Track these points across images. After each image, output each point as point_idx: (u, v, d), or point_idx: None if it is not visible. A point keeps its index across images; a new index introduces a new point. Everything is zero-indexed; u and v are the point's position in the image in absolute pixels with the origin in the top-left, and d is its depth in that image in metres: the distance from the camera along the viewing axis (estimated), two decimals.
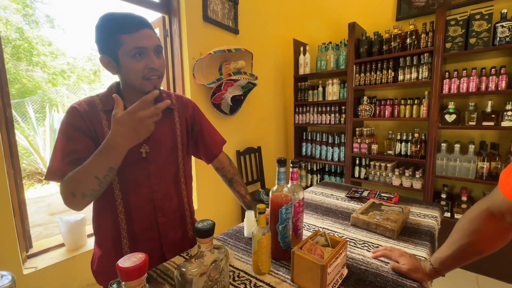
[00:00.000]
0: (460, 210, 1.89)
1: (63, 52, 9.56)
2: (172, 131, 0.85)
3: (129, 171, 0.75)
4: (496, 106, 1.82)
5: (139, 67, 0.69)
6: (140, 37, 0.67)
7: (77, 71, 10.09)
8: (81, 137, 0.70)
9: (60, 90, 8.88)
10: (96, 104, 0.75)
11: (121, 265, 0.35)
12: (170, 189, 0.84)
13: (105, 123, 0.73)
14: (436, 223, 0.97)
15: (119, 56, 0.68)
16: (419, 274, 0.64)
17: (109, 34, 0.67)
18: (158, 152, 0.80)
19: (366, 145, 2.30)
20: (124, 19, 0.67)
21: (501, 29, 1.65)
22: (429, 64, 1.92)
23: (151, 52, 0.70)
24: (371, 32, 2.28)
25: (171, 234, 0.84)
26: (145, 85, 0.71)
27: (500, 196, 0.54)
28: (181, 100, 0.91)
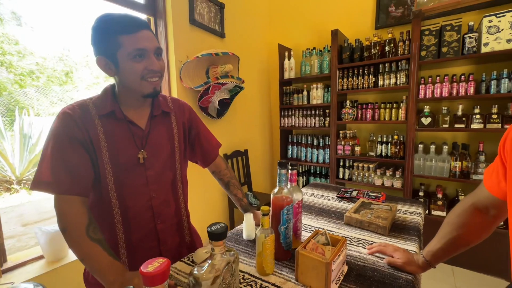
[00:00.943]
0: (436, 207, 2.02)
1: (31, 51, 8.97)
2: (170, 136, 0.83)
3: (126, 178, 0.73)
4: (466, 110, 1.98)
5: (139, 68, 0.67)
6: (140, 38, 0.66)
7: (47, 71, 9.49)
8: (74, 145, 0.67)
9: (28, 92, 8.29)
10: (89, 108, 0.71)
11: (144, 271, 0.35)
12: (168, 195, 0.82)
13: (100, 129, 0.70)
14: (421, 219, 1.03)
15: (118, 57, 0.66)
16: (413, 267, 0.68)
17: (107, 35, 0.65)
18: (156, 157, 0.78)
19: (350, 147, 2.40)
20: (123, 19, 0.66)
21: (469, 39, 1.80)
22: (406, 70, 2.05)
23: (151, 54, 0.68)
24: (352, 39, 2.39)
25: (170, 241, 0.83)
26: (144, 86, 0.70)
27: (484, 191, 0.60)
28: (178, 104, 0.89)
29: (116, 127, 0.72)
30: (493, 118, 1.79)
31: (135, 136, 0.75)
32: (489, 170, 0.59)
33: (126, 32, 0.64)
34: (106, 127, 0.71)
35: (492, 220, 0.63)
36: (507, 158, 0.52)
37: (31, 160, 4.32)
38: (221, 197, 2.42)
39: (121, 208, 0.74)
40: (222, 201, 2.44)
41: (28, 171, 4.38)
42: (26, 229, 2.76)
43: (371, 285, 0.64)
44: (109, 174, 0.71)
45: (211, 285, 0.46)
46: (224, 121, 2.39)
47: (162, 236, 0.80)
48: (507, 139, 0.52)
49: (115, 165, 0.71)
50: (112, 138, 0.71)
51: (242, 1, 2.56)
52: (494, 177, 0.57)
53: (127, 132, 0.74)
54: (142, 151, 0.75)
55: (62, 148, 0.65)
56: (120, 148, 0.72)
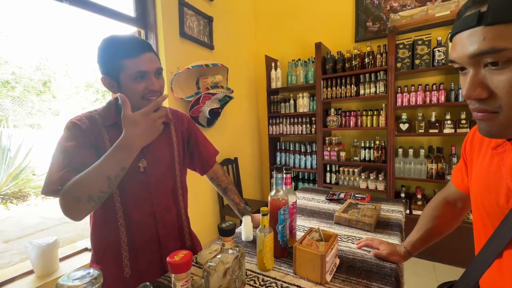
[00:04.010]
0: (416, 207, 2.16)
1: (6, 60, 8.61)
2: (169, 145, 0.87)
3: (129, 185, 0.77)
4: (438, 116, 2.16)
5: (140, 88, 0.72)
6: (142, 61, 0.70)
7: (23, 81, 9.11)
8: (81, 151, 0.70)
9: (3, 103, 7.92)
10: (96, 119, 0.75)
11: (172, 260, 0.40)
12: (169, 201, 0.87)
13: (106, 138, 0.75)
14: (402, 216, 1.14)
15: (121, 78, 0.71)
16: (396, 257, 0.77)
17: (111, 57, 0.70)
18: (157, 166, 0.82)
19: (335, 152, 2.52)
20: (126, 43, 0.70)
21: (438, 53, 1.99)
22: (384, 80, 2.22)
23: (152, 75, 0.73)
24: (334, 51, 2.55)
25: (171, 246, 0.86)
26: (144, 104, 0.72)
27: (452, 187, 0.70)
28: (177, 114, 0.94)
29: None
30: (462, 124, 1.97)
31: None
32: (456, 169, 0.70)
33: (129, 56, 0.69)
34: (112, 136, 0.75)
35: (459, 212, 0.74)
36: (467, 158, 0.62)
37: (10, 174, 4.13)
38: (212, 204, 2.45)
39: (124, 212, 0.77)
40: (211, 208, 2.47)
41: (6, 185, 4.18)
42: (8, 245, 2.63)
43: (361, 274, 0.71)
44: None
45: (223, 277, 0.52)
46: (215, 130, 2.45)
47: (163, 240, 0.84)
48: (467, 143, 0.63)
49: None
50: None
51: (229, 14, 2.67)
52: (459, 175, 0.67)
53: None
54: (143, 160, 0.79)
55: (71, 155, 0.68)
56: None
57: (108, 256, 0.79)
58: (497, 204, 0.47)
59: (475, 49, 0.38)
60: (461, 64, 0.42)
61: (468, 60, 0.40)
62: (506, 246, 0.44)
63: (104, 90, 10.42)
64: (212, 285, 0.51)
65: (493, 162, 0.50)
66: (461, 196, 0.70)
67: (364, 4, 2.47)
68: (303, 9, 2.82)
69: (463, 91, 0.42)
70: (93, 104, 10.12)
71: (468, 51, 0.39)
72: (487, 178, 0.51)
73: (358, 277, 0.70)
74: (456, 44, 0.42)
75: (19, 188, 4.54)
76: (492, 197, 0.49)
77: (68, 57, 11.44)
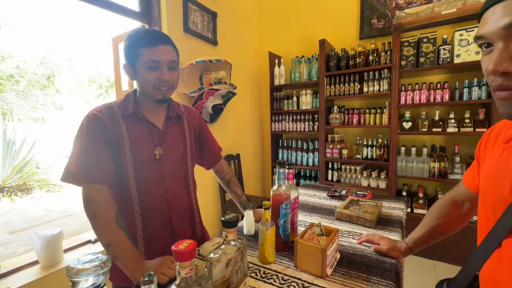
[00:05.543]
0: (418, 205, 2.17)
1: (10, 54, 8.65)
2: (183, 137, 0.92)
3: (145, 172, 0.81)
4: (442, 115, 2.15)
5: (152, 77, 0.77)
6: (157, 51, 0.75)
7: (27, 75, 9.15)
8: (99, 142, 0.75)
9: (7, 97, 7.97)
10: (115, 110, 0.80)
11: (177, 249, 0.41)
12: (181, 189, 0.91)
13: (124, 128, 0.79)
14: (403, 213, 1.14)
15: (137, 66, 0.77)
16: (396, 252, 0.78)
17: (132, 46, 0.76)
18: (171, 154, 0.87)
19: (337, 150, 2.52)
20: (146, 34, 0.76)
21: (443, 51, 1.98)
22: (388, 78, 2.21)
23: (164, 66, 0.77)
24: (339, 48, 2.54)
25: (183, 233, 0.90)
26: (155, 93, 0.79)
27: (462, 186, 0.71)
28: (189, 110, 1.00)
29: (137, 127, 0.82)
30: (466, 123, 1.96)
31: (153, 134, 0.84)
32: (468, 169, 0.70)
33: (145, 45, 0.75)
34: (129, 126, 0.80)
35: (466, 213, 0.73)
36: (481, 155, 0.62)
37: (15, 167, 4.18)
38: (214, 200, 2.47)
39: (140, 200, 0.81)
40: (216, 203, 2.49)
41: (11, 178, 4.23)
42: (13, 236, 2.68)
43: (361, 268, 0.72)
44: (130, 168, 0.79)
45: (225, 267, 0.53)
46: (217, 126, 2.45)
47: (176, 227, 0.88)
48: (482, 142, 0.63)
49: (136, 160, 0.79)
50: (134, 136, 0.80)
51: (233, 10, 2.66)
52: (470, 174, 0.68)
53: (146, 131, 0.83)
54: (158, 148, 0.84)
55: (90, 144, 0.74)
56: (140, 145, 0.81)
57: None
58: (502, 196, 0.47)
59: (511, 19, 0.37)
60: (490, 40, 0.41)
61: (501, 33, 0.39)
62: (506, 235, 0.44)
63: (107, 86, 10.45)
64: (214, 275, 0.53)
65: (503, 155, 0.50)
66: (470, 196, 0.69)
67: (370, 1, 2.45)
68: (307, 6, 2.80)
69: (490, 66, 0.40)
70: (96, 99, 10.16)
71: (502, 22, 0.38)
72: (495, 171, 0.51)
73: (358, 271, 0.71)
74: (488, 17, 0.41)
75: (23, 181, 4.60)
76: (498, 189, 0.49)
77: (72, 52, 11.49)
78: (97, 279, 0.30)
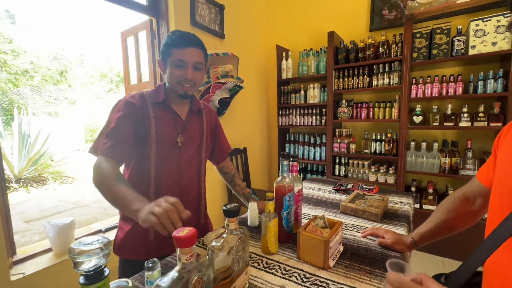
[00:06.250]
0: (427, 201, 2.12)
1: (25, 50, 8.87)
2: (201, 130, 1.00)
3: (165, 156, 0.89)
4: (455, 109, 2.08)
5: (177, 74, 0.86)
6: (185, 53, 0.85)
7: (41, 70, 9.39)
8: (127, 125, 0.83)
9: (22, 91, 8.21)
10: (146, 98, 0.90)
11: (177, 235, 0.42)
12: (194, 177, 0.98)
13: (152, 114, 0.88)
14: (410, 208, 1.12)
15: (168, 62, 0.87)
16: (401, 246, 0.77)
17: (166, 45, 0.86)
18: (190, 144, 0.95)
19: (345, 144, 2.49)
20: (179, 36, 0.85)
21: (457, 42, 1.91)
22: (399, 71, 2.15)
23: (189, 66, 0.86)
24: (348, 41, 2.48)
25: (188, 220, 0.91)
26: (178, 88, 0.89)
27: (475, 181, 0.69)
28: (208, 107, 1.08)
29: (164, 114, 0.91)
30: (480, 117, 1.89)
31: (177, 123, 0.93)
32: (483, 165, 0.68)
33: (176, 46, 0.84)
34: (157, 113, 0.89)
35: (478, 210, 0.71)
36: (498, 148, 0.61)
37: (30, 159, 4.32)
38: (221, 193, 2.50)
39: (156, 181, 0.89)
40: (222, 197, 2.51)
41: (26, 169, 4.39)
42: (29, 225, 2.80)
43: (364, 261, 0.72)
44: (153, 151, 0.87)
45: (227, 255, 0.54)
46: (224, 120, 2.46)
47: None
48: (501, 135, 0.61)
49: (159, 143, 0.88)
50: (160, 122, 0.89)
51: (241, 2, 2.63)
52: (485, 169, 0.66)
53: (171, 119, 0.92)
54: (180, 136, 0.92)
55: (113, 127, 0.82)
56: (165, 131, 0.89)
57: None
58: None
59: None
60: None
61: None
62: None
63: (117, 81, 10.60)
64: (216, 263, 0.53)
65: None
66: (482, 192, 0.68)
67: None
68: None
69: None
70: (107, 93, 10.35)
71: None
72: None
73: (362, 264, 0.71)
74: None
75: (38, 172, 4.77)
76: None
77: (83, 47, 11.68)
78: (98, 261, 0.31)
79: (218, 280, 0.54)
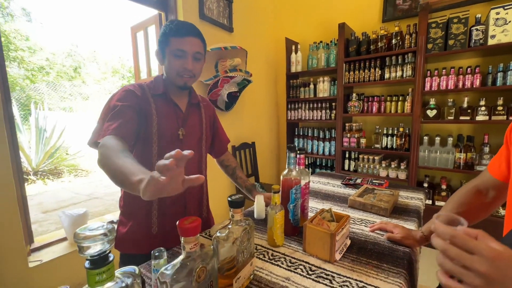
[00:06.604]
0: (440, 198, 2.06)
1: (41, 47, 9.14)
2: (200, 123, 0.98)
3: (167, 149, 0.83)
4: (471, 102, 2.00)
5: (176, 65, 0.83)
6: (184, 42, 0.81)
7: (56, 67, 9.67)
8: (126, 111, 0.78)
9: (38, 87, 8.49)
10: (145, 89, 0.86)
11: (182, 224, 0.42)
12: (195, 171, 0.96)
13: (153, 106, 0.85)
14: (422, 204, 1.09)
15: (166, 52, 0.83)
16: (411, 241, 0.75)
17: (164, 34, 0.83)
18: (191, 137, 0.93)
19: (355, 139, 2.44)
20: (178, 25, 0.82)
21: (476, 32, 1.82)
22: (412, 63, 2.08)
23: (189, 56, 0.83)
24: (359, 32, 2.41)
25: (192, 212, 0.95)
26: (178, 80, 0.85)
27: (487, 174, 0.67)
28: (206, 100, 1.06)
29: (165, 106, 0.88)
30: (498, 110, 1.81)
31: (178, 116, 0.90)
32: (494, 157, 0.66)
33: (175, 35, 0.81)
34: (158, 105, 0.86)
35: (490, 202, 0.69)
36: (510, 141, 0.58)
37: (46, 152, 4.48)
38: (228, 188, 2.51)
39: None
40: (230, 192, 2.53)
41: (43, 162, 4.56)
42: (46, 215, 2.92)
43: (372, 255, 0.71)
44: (155, 144, 0.84)
45: (231, 246, 0.54)
46: (232, 114, 2.46)
47: (189, 205, 0.93)
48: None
49: (161, 136, 0.85)
50: (161, 114, 0.86)
51: None
52: (497, 161, 0.63)
53: (172, 111, 0.89)
54: (182, 129, 0.90)
55: (116, 111, 0.77)
56: (165, 123, 0.86)
57: (140, 213, 0.87)
58: None
59: None
60: None
61: None
62: None
63: (129, 76, 10.78)
64: (221, 253, 0.54)
65: None
66: (495, 184, 0.66)
67: None
68: None
69: None
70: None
71: None
72: None
73: (369, 258, 0.70)
74: None
75: (54, 165, 4.94)
76: None
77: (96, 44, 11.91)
78: (103, 246, 0.31)
79: (223, 270, 0.54)
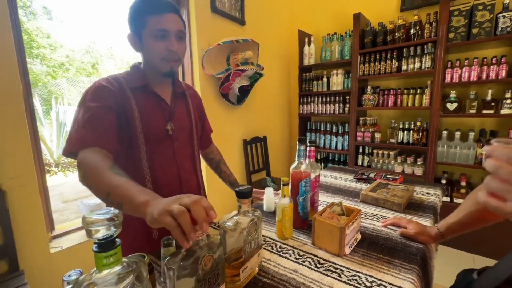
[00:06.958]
0: (459, 195, 1.98)
1: (61, 44, 9.49)
2: (188, 115, 0.90)
3: (156, 148, 0.79)
4: (496, 95, 1.89)
5: (159, 48, 0.72)
6: (164, 20, 0.70)
7: (75, 63, 10.03)
8: (103, 112, 0.68)
9: (59, 83, 8.86)
10: (122, 82, 0.75)
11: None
12: (190, 167, 0.90)
13: (133, 101, 0.74)
14: (438, 200, 1.05)
15: (143, 35, 0.72)
16: (425, 237, 0.72)
17: (137, 13, 0.72)
18: (181, 131, 0.85)
19: (370, 133, 2.37)
20: (152, 1, 0.71)
21: (503, 19, 1.70)
22: (432, 54, 1.98)
23: (172, 36, 0.72)
24: (375, 23, 2.32)
25: None
26: (163, 66, 0.75)
27: None
28: (192, 89, 0.98)
29: (147, 100, 0.78)
30: None
31: (163, 109, 0.81)
32: None
33: (152, 12, 0.70)
34: (138, 99, 0.75)
35: None
36: None
37: None
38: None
39: (152, 177, 0.78)
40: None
41: None
42: (66, 205, 3.07)
43: (383, 251, 0.69)
44: (142, 144, 0.75)
45: (238, 236, 0.54)
46: (244, 108, 2.45)
47: None
48: None
49: (148, 134, 0.76)
50: (144, 110, 0.76)
51: None
52: None
53: (156, 105, 0.80)
54: (170, 123, 0.81)
55: (92, 115, 0.67)
56: (151, 120, 0.77)
57: (138, 221, 0.77)
58: None
59: None
60: None
61: None
62: None
63: None
64: (228, 243, 0.54)
65: None
66: None
67: None
68: None
69: None
70: None
71: None
72: None
73: (380, 253, 0.68)
74: None
75: None
76: None
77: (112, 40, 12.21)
78: (109, 231, 0.32)
79: (230, 260, 0.54)
